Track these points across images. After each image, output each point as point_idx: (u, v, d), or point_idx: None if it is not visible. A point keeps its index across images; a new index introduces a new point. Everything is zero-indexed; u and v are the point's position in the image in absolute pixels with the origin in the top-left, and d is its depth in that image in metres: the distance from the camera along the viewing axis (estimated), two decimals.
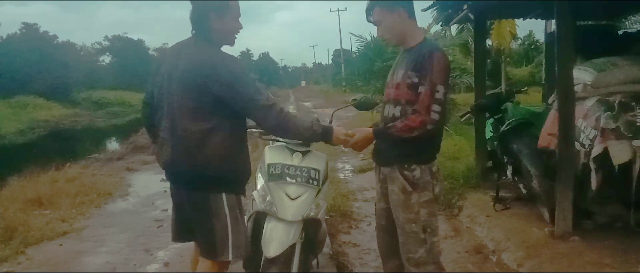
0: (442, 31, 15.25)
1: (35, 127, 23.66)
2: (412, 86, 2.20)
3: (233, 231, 2.23)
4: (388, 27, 2.33)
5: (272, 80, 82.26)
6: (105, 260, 3.83)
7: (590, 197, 3.53)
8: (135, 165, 8.27)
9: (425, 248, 2.29)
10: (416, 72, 2.19)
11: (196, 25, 2.20)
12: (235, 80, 2.09)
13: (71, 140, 19.55)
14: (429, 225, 2.29)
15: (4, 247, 3.93)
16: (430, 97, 2.13)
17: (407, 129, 2.16)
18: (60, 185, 6.20)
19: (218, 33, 2.19)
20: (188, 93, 2.11)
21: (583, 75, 3.68)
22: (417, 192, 2.26)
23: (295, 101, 33.04)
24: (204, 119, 2.12)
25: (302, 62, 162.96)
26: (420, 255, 2.29)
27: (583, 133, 3.51)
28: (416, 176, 2.26)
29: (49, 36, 36.46)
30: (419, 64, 2.18)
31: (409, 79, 2.21)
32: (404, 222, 2.31)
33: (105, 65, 47.82)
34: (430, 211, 2.30)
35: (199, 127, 2.12)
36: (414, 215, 2.28)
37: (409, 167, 2.27)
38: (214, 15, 2.14)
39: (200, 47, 2.17)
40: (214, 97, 2.08)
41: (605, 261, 3.01)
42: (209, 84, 2.06)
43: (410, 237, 2.30)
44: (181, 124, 2.15)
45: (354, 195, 5.57)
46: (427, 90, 2.14)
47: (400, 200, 2.30)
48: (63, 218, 4.83)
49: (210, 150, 2.13)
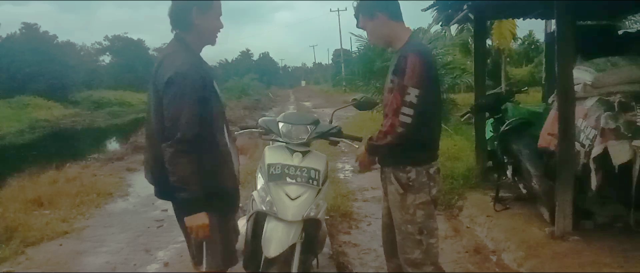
0: (442, 31, 15.26)
1: (35, 127, 23.64)
2: (392, 90, 2.20)
3: (208, 243, 2.19)
4: (372, 32, 2.37)
5: (272, 80, 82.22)
6: (105, 260, 3.83)
7: (590, 197, 3.54)
8: (135, 165, 8.26)
9: (422, 249, 2.29)
10: (394, 76, 2.20)
11: (178, 22, 2.14)
12: (169, 93, 1.97)
13: (71, 140, 19.54)
14: (425, 226, 2.29)
15: (4, 247, 3.93)
16: (399, 100, 2.11)
17: (381, 135, 2.20)
18: (60, 185, 6.21)
19: (200, 30, 2.15)
20: (154, 100, 2.07)
21: (583, 75, 3.68)
22: (411, 193, 2.26)
23: (295, 101, 33.04)
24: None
25: (302, 62, 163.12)
26: (416, 256, 2.30)
27: (583, 133, 3.51)
28: (411, 178, 2.25)
29: (49, 36, 36.51)
30: (397, 67, 2.18)
31: (391, 83, 2.23)
32: (400, 222, 2.32)
33: (105, 65, 47.91)
34: (426, 213, 2.29)
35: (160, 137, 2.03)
36: (410, 217, 2.28)
37: (403, 168, 2.27)
38: (197, 11, 2.09)
39: (169, 50, 2.14)
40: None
41: (605, 261, 3.01)
42: (160, 89, 2.00)
43: (407, 238, 2.31)
44: (153, 133, 2.13)
45: (354, 195, 5.57)
46: (396, 93, 2.13)
47: (396, 201, 2.31)
48: (63, 218, 4.83)
49: (178, 180, 2.00)
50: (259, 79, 60.05)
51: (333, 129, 2.85)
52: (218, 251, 2.23)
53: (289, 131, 2.71)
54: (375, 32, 2.35)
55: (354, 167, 7.28)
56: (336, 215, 4.62)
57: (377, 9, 2.29)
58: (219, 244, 2.23)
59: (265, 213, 2.48)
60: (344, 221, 4.58)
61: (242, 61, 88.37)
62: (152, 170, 2.23)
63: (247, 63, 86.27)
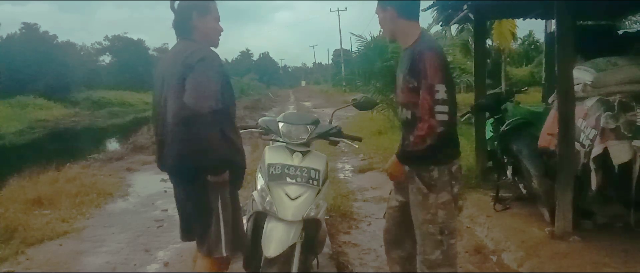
0: (442, 31, 15.27)
1: (35, 127, 23.63)
2: (414, 90, 2.17)
3: (226, 226, 2.30)
4: (381, 22, 2.39)
5: (272, 80, 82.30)
6: (105, 260, 3.83)
7: (590, 197, 3.53)
8: (135, 165, 8.27)
9: (442, 250, 2.26)
10: (413, 76, 2.17)
11: (180, 26, 2.31)
12: (200, 68, 2.14)
13: (71, 140, 19.52)
14: (446, 226, 2.26)
15: (4, 247, 3.93)
16: (430, 100, 2.08)
17: (419, 140, 2.13)
18: (60, 185, 6.20)
19: (200, 32, 2.30)
20: (178, 88, 2.16)
21: (583, 75, 3.68)
22: (434, 193, 2.23)
23: (295, 101, 33.04)
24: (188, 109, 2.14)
25: (302, 62, 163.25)
26: (436, 257, 2.26)
27: (583, 133, 3.51)
28: (434, 177, 2.22)
29: (49, 36, 36.52)
30: (414, 67, 2.15)
31: (409, 83, 2.20)
32: (421, 222, 2.28)
33: (105, 65, 47.87)
34: (448, 212, 2.26)
35: (185, 117, 2.12)
36: (431, 216, 2.25)
37: (426, 167, 2.24)
38: (196, 15, 2.27)
39: (186, 44, 2.28)
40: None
41: (605, 261, 3.01)
42: (181, 73, 2.15)
43: (427, 238, 2.28)
44: (169, 114, 2.20)
45: (354, 195, 5.57)
46: (425, 94, 2.09)
47: (418, 200, 2.28)
48: (63, 218, 4.82)
49: (196, 138, 2.14)
50: (259, 79, 60.11)
51: (333, 129, 2.86)
52: (237, 235, 2.37)
53: (289, 131, 2.71)
54: (382, 22, 2.38)
55: (354, 167, 7.29)
56: (336, 215, 4.62)
57: (388, 3, 2.30)
58: (237, 229, 2.38)
59: (265, 213, 2.48)
60: (344, 221, 4.58)
61: (242, 61, 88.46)
62: (172, 152, 2.25)
63: (247, 63, 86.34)
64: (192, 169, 2.23)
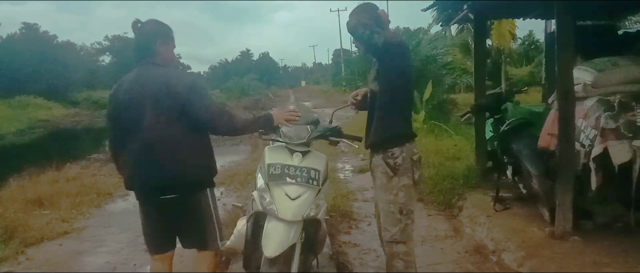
0: (442, 31, 15.28)
1: (35, 127, 23.65)
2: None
3: (217, 221, 2.60)
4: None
5: (272, 80, 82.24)
6: (105, 260, 3.83)
7: (590, 197, 3.53)
8: None
9: (399, 228, 2.54)
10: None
11: (143, 51, 2.48)
12: (192, 93, 2.36)
13: (71, 140, 19.52)
14: (405, 207, 2.54)
15: (4, 247, 3.93)
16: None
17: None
18: (60, 185, 6.21)
19: (162, 57, 2.50)
20: (161, 109, 2.34)
21: (583, 75, 3.68)
22: (397, 176, 2.52)
23: (295, 101, 33.02)
24: (181, 129, 2.37)
25: (302, 62, 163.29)
26: (393, 233, 2.55)
27: (583, 133, 3.51)
28: (397, 162, 2.52)
29: (49, 36, 36.53)
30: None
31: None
32: (384, 203, 2.57)
33: (105, 65, 47.81)
34: (408, 194, 2.55)
35: (179, 137, 2.38)
36: (393, 197, 2.54)
37: (391, 154, 2.52)
38: (161, 42, 2.48)
39: (154, 69, 2.44)
40: (181, 108, 2.35)
41: (605, 261, 3.01)
42: (175, 98, 2.34)
43: (388, 216, 2.56)
44: (161, 137, 2.36)
45: (354, 195, 5.56)
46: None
47: (382, 183, 2.57)
48: (63, 218, 4.83)
49: (192, 154, 2.43)
50: (259, 79, 60.05)
51: (333, 129, 2.85)
52: (220, 228, 2.64)
53: (288, 131, 2.71)
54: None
55: (354, 167, 7.28)
56: (336, 215, 4.62)
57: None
58: (219, 222, 2.65)
59: (265, 213, 2.48)
60: (344, 221, 4.58)
61: (242, 61, 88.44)
62: (165, 168, 2.39)
63: (247, 63, 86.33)
64: (194, 183, 2.46)
